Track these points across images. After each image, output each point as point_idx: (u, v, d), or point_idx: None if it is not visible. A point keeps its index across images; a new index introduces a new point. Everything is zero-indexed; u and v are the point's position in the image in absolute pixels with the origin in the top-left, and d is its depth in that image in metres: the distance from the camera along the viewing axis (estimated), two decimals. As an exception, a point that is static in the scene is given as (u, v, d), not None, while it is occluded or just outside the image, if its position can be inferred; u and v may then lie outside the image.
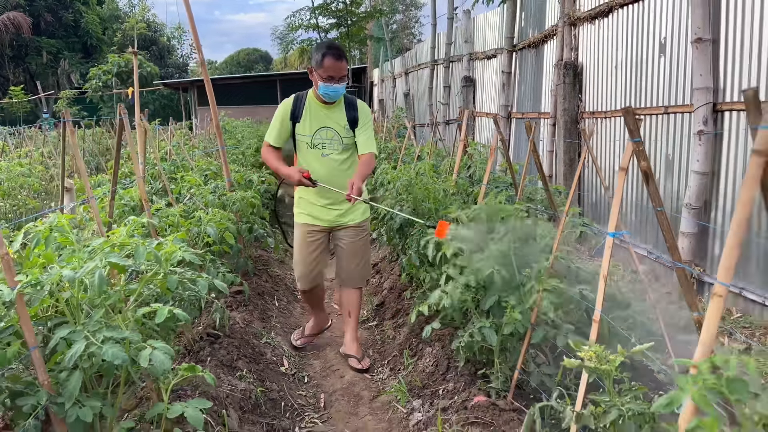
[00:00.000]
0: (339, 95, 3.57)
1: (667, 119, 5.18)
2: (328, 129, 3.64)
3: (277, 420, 3.19)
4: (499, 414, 2.80)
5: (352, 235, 3.79)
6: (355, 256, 3.83)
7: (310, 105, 3.65)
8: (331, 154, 3.66)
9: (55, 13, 31.68)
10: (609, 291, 3.23)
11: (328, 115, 3.64)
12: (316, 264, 3.86)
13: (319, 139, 3.65)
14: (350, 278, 3.89)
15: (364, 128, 3.66)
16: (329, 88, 3.50)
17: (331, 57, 3.44)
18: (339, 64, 3.45)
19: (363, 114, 3.67)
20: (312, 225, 3.79)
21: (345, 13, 14.78)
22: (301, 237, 3.83)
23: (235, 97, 19.76)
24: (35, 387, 1.96)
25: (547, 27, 7.73)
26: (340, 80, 3.50)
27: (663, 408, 1.20)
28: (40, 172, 6.77)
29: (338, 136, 3.65)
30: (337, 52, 3.49)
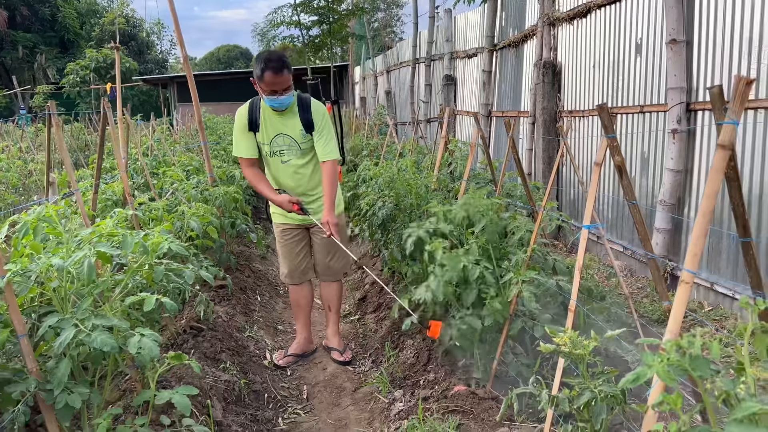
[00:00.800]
0: (286, 105, 3.47)
1: (642, 118, 5.31)
2: (284, 136, 3.56)
3: (260, 411, 3.24)
4: (478, 402, 2.88)
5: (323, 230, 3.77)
6: (328, 251, 3.81)
7: (264, 112, 3.56)
8: (290, 160, 3.60)
9: (32, 6, 31.15)
10: (585, 284, 3.35)
11: (282, 122, 3.55)
12: (300, 258, 3.86)
13: (276, 146, 3.59)
14: (326, 272, 3.90)
15: (320, 132, 3.53)
16: (274, 101, 3.42)
17: (271, 72, 3.31)
18: (279, 78, 3.33)
19: (317, 116, 3.54)
20: (285, 223, 3.80)
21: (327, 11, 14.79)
22: (279, 236, 3.86)
23: (216, 94, 19.69)
24: (24, 374, 1.99)
25: (527, 27, 7.84)
26: (284, 91, 3.40)
27: (630, 383, 1.28)
28: (19, 167, 6.71)
29: (294, 142, 3.57)
30: (277, 65, 3.33)
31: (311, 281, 4.00)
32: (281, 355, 3.95)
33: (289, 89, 3.44)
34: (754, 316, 1.50)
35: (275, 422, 3.23)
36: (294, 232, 3.82)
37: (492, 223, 3.03)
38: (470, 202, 3.16)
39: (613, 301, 3.29)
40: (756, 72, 4.01)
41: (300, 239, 3.83)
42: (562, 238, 6.49)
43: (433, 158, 5.07)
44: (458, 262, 2.82)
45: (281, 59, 3.40)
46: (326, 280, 3.93)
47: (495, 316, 2.82)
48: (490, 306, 2.82)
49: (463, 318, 2.87)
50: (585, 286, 3.27)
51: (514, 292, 2.76)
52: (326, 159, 3.53)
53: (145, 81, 25.37)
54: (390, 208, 4.11)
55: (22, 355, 2.00)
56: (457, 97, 11.11)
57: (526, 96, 7.82)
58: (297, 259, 3.85)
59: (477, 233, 3.09)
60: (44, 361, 2.12)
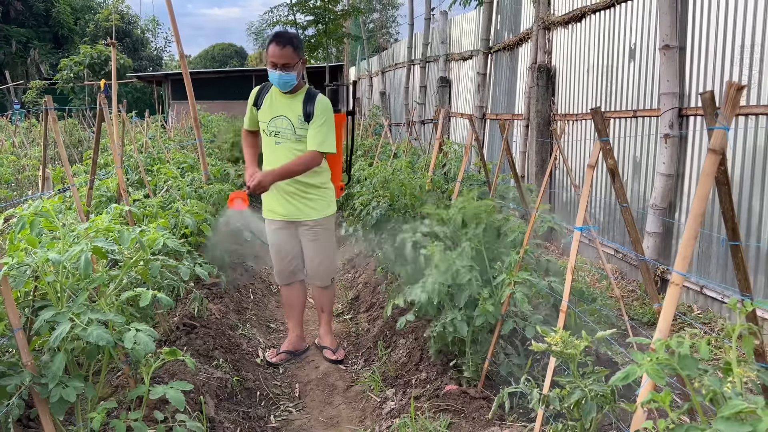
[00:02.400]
0: (281, 83, 3.49)
1: (635, 122, 5.36)
2: (283, 118, 3.58)
3: (252, 408, 3.25)
4: (469, 401, 2.91)
5: (311, 234, 3.70)
6: (315, 254, 3.74)
7: (273, 93, 3.64)
8: (284, 142, 3.59)
9: (26, 1, 30.97)
10: (577, 286, 3.38)
11: (286, 105, 3.59)
12: (290, 258, 3.79)
13: (273, 126, 3.61)
14: (313, 276, 3.84)
15: (316, 122, 3.51)
16: (272, 74, 3.47)
17: (274, 43, 3.42)
18: (280, 51, 3.38)
19: (318, 108, 3.52)
20: (272, 219, 3.74)
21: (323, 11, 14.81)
22: (268, 232, 3.80)
23: (211, 92, 19.65)
24: (18, 368, 2.00)
25: (522, 30, 7.89)
26: (283, 68, 3.42)
27: (620, 381, 1.30)
28: (12, 162, 6.68)
29: (291, 126, 3.57)
30: (281, 39, 3.43)
31: (303, 281, 3.96)
32: (273, 353, 3.94)
33: (290, 68, 3.44)
34: (741, 317, 1.53)
35: (267, 419, 3.24)
36: (282, 231, 3.74)
37: (485, 225, 3.06)
38: (465, 205, 3.19)
39: (604, 303, 3.33)
40: (748, 78, 4.07)
41: (288, 238, 3.75)
42: (554, 240, 6.53)
43: (428, 159, 5.09)
44: (450, 265, 2.85)
45: (288, 36, 3.51)
46: (318, 284, 3.87)
47: (487, 317, 2.85)
48: (482, 307, 2.84)
49: (453, 320, 2.90)
50: (576, 287, 3.30)
51: (507, 293, 2.79)
52: (311, 148, 3.48)
53: (140, 78, 25.28)
54: (384, 208, 4.13)
55: (17, 348, 2.00)
56: (451, 99, 11.15)
57: (521, 99, 7.86)
58: (286, 259, 3.79)
59: (470, 235, 3.12)
60: (38, 355, 2.13)
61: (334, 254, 3.90)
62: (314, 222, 3.66)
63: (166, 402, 2.57)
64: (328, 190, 3.72)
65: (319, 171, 3.64)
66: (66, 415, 2.29)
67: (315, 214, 3.65)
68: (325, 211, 3.69)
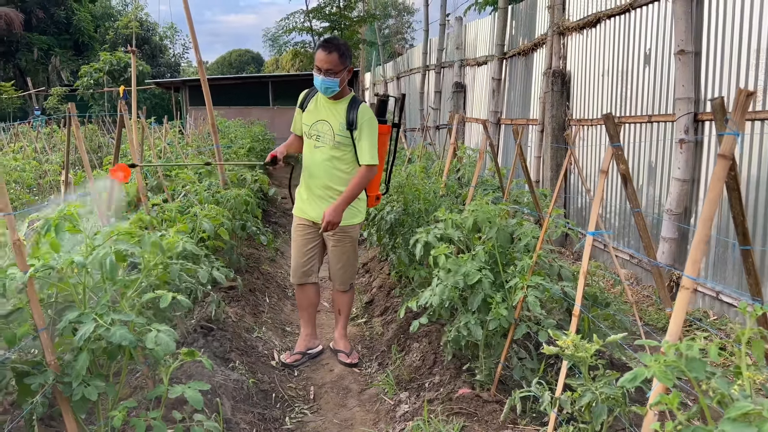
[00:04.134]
0: (323, 88, 3.58)
1: (650, 127, 5.35)
2: (324, 122, 3.68)
3: (268, 410, 3.29)
4: (482, 405, 2.93)
5: (336, 239, 3.79)
6: (338, 259, 3.86)
7: (318, 97, 3.73)
8: (322, 147, 3.68)
9: (47, 9, 31.52)
10: (590, 290, 3.39)
11: (330, 110, 3.68)
12: (307, 258, 3.86)
13: (314, 130, 3.70)
14: (334, 279, 3.96)
15: (361, 134, 3.61)
16: (316, 78, 3.57)
17: (321, 48, 3.53)
18: (326, 56, 3.49)
19: (362, 117, 3.61)
20: (300, 218, 3.85)
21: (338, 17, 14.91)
22: (293, 229, 3.92)
23: (228, 98, 19.82)
24: (42, 367, 2.06)
25: (537, 36, 7.90)
26: (326, 73, 3.51)
27: (628, 382, 1.32)
28: (34, 167, 6.82)
29: (332, 131, 3.65)
30: (328, 45, 3.54)
31: (317, 284, 4.01)
32: (288, 355, 4.01)
33: (333, 74, 3.52)
34: (751, 321, 1.55)
35: (282, 421, 3.28)
36: (307, 230, 3.83)
37: (498, 229, 3.08)
38: (478, 209, 3.21)
39: (618, 308, 3.33)
40: (763, 83, 4.05)
41: (311, 239, 3.85)
42: (569, 245, 6.52)
43: (442, 164, 5.12)
44: (462, 268, 2.87)
45: (336, 43, 3.58)
46: (337, 288, 3.98)
47: (500, 321, 2.86)
48: (495, 311, 2.86)
49: (467, 324, 2.92)
50: (590, 292, 3.31)
51: (519, 297, 2.81)
52: (363, 163, 3.61)
53: (158, 84, 25.57)
54: (398, 212, 4.16)
55: (41, 348, 2.07)
56: (466, 104, 11.17)
57: (535, 104, 7.87)
58: (303, 258, 3.86)
59: (484, 239, 3.15)
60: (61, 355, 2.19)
61: (355, 260, 3.98)
62: (340, 228, 3.70)
63: (184, 403, 2.62)
64: (358, 200, 3.77)
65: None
66: (87, 415, 2.35)
67: (342, 222, 3.67)
68: (352, 220, 3.77)
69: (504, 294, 2.93)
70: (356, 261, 4.03)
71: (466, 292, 3.05)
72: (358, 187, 3.61)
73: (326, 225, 3.53)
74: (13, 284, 1.94)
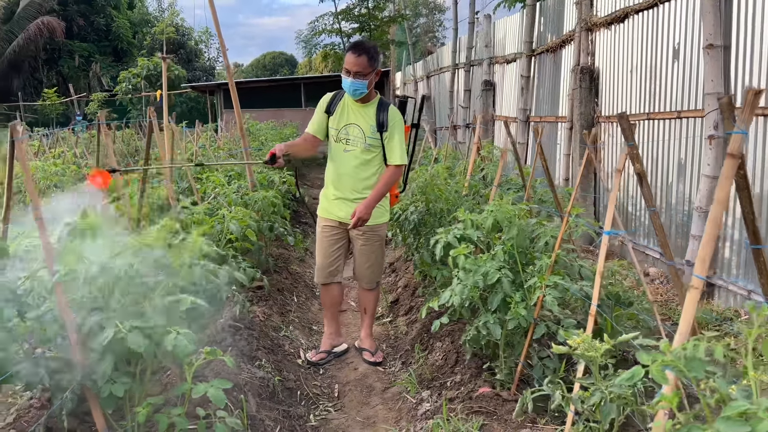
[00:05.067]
0: (351, 90, 3.62)
1: (679, 123, 5.26)
2: (354, 126, 3.71)
3: (293, 407, 3.37)
4: (502, 404, 2.95)
5: (363, 238, 3.84)
6: (367, 258, 3.90)
7: (346, 101, 3.76)
8: (352, 150, 3.71)
9: (88, 17, 32.47)
10: (613, 290, 3.37)
11: (359, 113, 3.72)
12: (333, 258, 3.91)
13: (344, 134, 3.73)
14: (360, 278, 4.00)
15: (391, 135, 3.68)
16: (345, 81, 3.61)
17: (350, 51, 3.58)
18: (355, 59, 3.53)
19: (391, 119, 3.69)
20: (326, 218, 3.89)
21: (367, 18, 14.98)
22: (318, 229, 3.95)
23: (261, 100, 20.10)
24: (72, 365, 2.17)
25: (565, 32, 7.82)
26: (355, 75, 3.55)
27: (626, 381, 1.34)
28: (73, 172, 7.07)
29: (362, 134, 3.70)
30: (357, 48, 3.58)
31: (341, 284, 4.07)
32: (314, 353, 4.07)
33: (361, 77, 3.57)
34: (760, 319, 1.54)
35: (307, 418, 3.35)
36: (333, 231, 3.87)
37: (518, 228, 3.09)
38: (497, 209, 3.23)
39: (642, 307, 3.30)
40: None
41: (337, 239, 3.89)
42: (598, 245, 6.44)
43: (467, 163, 5.14)
44: (481, 268, 2.90)
45: (366, 46, 3.62)
46: (364, 286, 4.02)
47: (519, 321, 2.87)
48: (515, 310, 2.88)
49: (485, 323, 2.94)
50: (612, 291, 3.29)
51: (538, 296, 2.82)
52: (392, 163, 3.70)
53: (193, 88, 26.08)
54: (421, 212, 4.20)
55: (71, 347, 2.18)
56: (496, 102, 11.12)
57: (564, 101, 7.80)
58: (329, 258, 3.91)
59: (504, 239, 3.16)
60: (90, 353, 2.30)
61: (382, 258, 4.05)
62: (368, 227, 3.75)
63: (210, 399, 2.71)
64: (384, 199, 3.83)
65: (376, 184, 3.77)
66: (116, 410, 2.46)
67: (371, 221, 3.72)
68: (380, 219, 3.83)
69: (523, 293, 2.94)
70: (383, 260, 4.09)
71: (486, 292, 3.08)
72: (387, 185, 3.68)
73: (356, 221, 3.55)
74: (42, 286, 2.05)
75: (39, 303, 2.21)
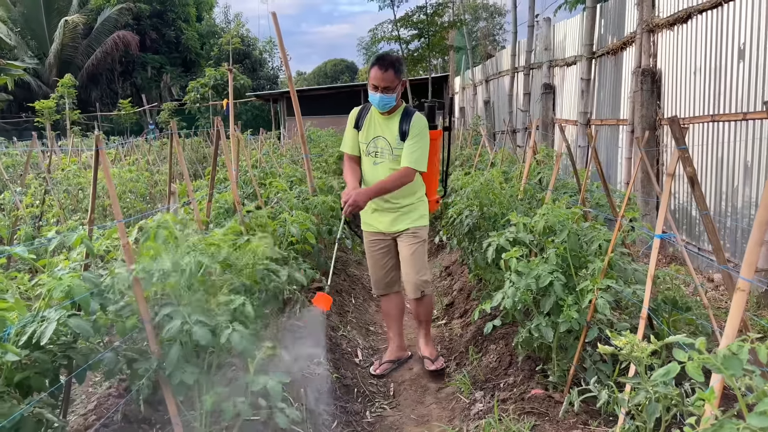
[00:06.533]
0: (381, 105, 3.63)
1: (745, 125, 5.10)
2: (382, 139, 3.73)
3: (349, 404, 3.51)
4: (554, 406, 2.98)
5: (405, 243, 3.79)
6: (408, 265, 3.79)
7: (372, 114, 3.78)
8: (382, 162, 3.73)
9: (159, 30, 34.07)
10: (669, 294, 3.34)
11: (384, 125, 3.73)
12: (387, 269, 3.92)
13: (372, 147, 3.76)
14: (407, 286, 3.87)
15: (410, 140, 3.63)
16: (373, 96, 3.62)
17: (376, 66, 3.56)
18: (380, 74, 3.53)
19: (414, 127, 3.64)
20: (370, 232, 3.92)
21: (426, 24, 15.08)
22: (366, 245, 4.00)
23: (321, 107, 20.55)
24: (147, 354, 2.37)
25: (626, 34, 7.69)
26: (383, 90, 3.56)
27: (662, 377, 1.39)
28: (146, 178, 7.50)
29: (389, 146, 3.70)
30: (383, 63, 3.56)
31: (400, 293, 4.05)
32: (377, 365, 4.06)
33: (390, 91, 3.58)
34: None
35: (363, 415, 3.48)
36: (380, 243, 3.89)
37: (569, 232, 3.12)
38: (549, 213, 3.26)
39: (700, 312, 3.26)
40: None
41: (386, 251, 3.90)
42: (662, 249, 6.31)
43: (522, 167, 5.16)
44: (533, 271, 2.95)
45: (391, 60, 3.61)
46: (413, 296, 3.85)
47: (571, 324, 2.90)
48: (567, 313, 2.91)
49: (538, 326, 2.98)
50: (669, 296, 3.27)
51: (590, 299, 2.85)
52: (404, 164, 3.61)
53: (258, 96, 26.91)
54: (476, 217, 4.26)
55: (147, 338, 2.38)
56: (555, 105, 11.00)
57: (625, 104, 7.66)
58: (382, 271, 3.94)
59: (556, 243, 3.19)
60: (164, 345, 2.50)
61: (423, 266, 3.85)
62: (408, 230, 3.77)
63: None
64: (421, 203, 3.85)
65: (413, 189, 3.78)
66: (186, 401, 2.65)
67: (410, 223, 3.77)
68: (421, 221, 3.82)
69: (576, 297, 2.97)
70: (425, 267, 3.89)
71: (538, 295, 3.12)
72: (392, 183, 3.60)
73: (347, 203, 3.46)
74: (120, 282, 2.25)
75: (118, 298, 2.43)
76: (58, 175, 6.84)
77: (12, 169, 9.72)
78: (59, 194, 6.14)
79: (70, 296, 2.13)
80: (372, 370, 4.04)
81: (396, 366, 4.10)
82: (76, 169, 6.96)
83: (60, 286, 2.11)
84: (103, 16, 31.76)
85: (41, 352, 2.11)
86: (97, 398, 3.23)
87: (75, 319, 2.11)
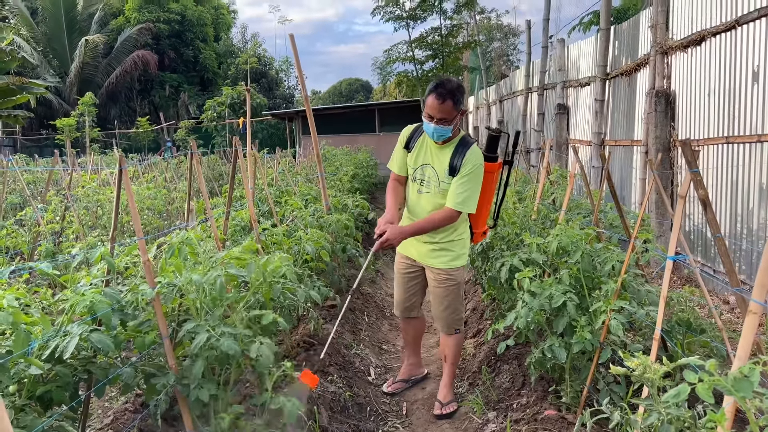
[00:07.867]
0: (435, 136, 3.37)
1: (760, 147, 5.11)
2: (431, 167, 3.48)
3: (362, 422, 3.52)
4: (567, 427, 2.98)
5: (438, 280, 3.58)
6: (440, 302, 3.61)
7: (425, 138, 3.52)
8: (427, 193, 3.49)
9: (177, 50, 34.66)
10: (684, 316, 3.34)
11: (436, 154, 3.47)
12: (410, 294, 3.81)
13: (420, 174, 3.52)
14: (437, 321, 3.73)
15: (460, 179, 3.34)
16: (428, 126, 3.35)
17: (434, 95, 3.26)
18: (438, 105, 3.23)
19: (467, 164, 3.34)
20: (403, 254, 3.77)
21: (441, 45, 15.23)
22: (396, 264, 3.89)
23: (336, 126, 20.73)
24: (165, 370, 2.42)
25: (640, 55, 7.74)
26: (439, 121, 3.27)
27: (672, 398, 1.41)
28: (163, 195, 7.61)
29: (436, 177, 3.45)
30: (441, 92, 3.24)
31: (420, 318, 3.98)
32: (390, 383, 4.05)
33: (446, 122, 3.29)
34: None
35: (375, 433, 3.49)
36: (410, 267, 3.74)
37: (582, 253, 3.14)
38: (562, 233, 3.29)
39: (714, 334, 3.25)
40: None
41: (414, 276, 3.75)
42: (676, 271, 6.28)
43: (536, 188, 5.18)
44: (546, 291, 2.96)
45: (450, 88, 3.26)
46: (442, 331, 3.71)
47: (584, 344, 2.91)
48: (580, 334, 2.92)
49: (551, 347, 2.99)
50: (683, 318, 3.26)
51: (603, 320, 2.86)
52: (449, 205, 3.36)
53: (274, 115, 27.17)
54: (489, 236, 4.29)
55: (164, 354, 2.43)
56: (569, 125, 11.03)
57: (639, 125, 7.68)
58: (405, 294, 3.82)
59: (570, 263, 3.21)
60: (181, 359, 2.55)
61: (460, 304, 3.65)
62: (441, 270, 3.55)
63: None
64: (461, 241, 3.58)
65: (455, 226, 3.53)
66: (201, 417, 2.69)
67: (443, 264, 3.54)
68: (454, 263, 3.55)
69: (589, 318, 2.98)
70: (461, 305, 3.70)
71: (551, 315, 3.13)
72: (432, 225, 3.38)
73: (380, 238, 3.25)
74: (143, 298, 2.31)
75: (138, 313, 2.49)
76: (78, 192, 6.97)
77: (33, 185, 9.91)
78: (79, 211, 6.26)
79: (92, 312, 2.19)
80: (384, 388, 4.04)
81: (409, 385, 4.11)
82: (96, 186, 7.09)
83: (83, 302, 2.17)
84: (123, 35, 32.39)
85: (63, 366, 2.17)
86: (114, 412, 3.27)
87: (96, 334, 2.16)
